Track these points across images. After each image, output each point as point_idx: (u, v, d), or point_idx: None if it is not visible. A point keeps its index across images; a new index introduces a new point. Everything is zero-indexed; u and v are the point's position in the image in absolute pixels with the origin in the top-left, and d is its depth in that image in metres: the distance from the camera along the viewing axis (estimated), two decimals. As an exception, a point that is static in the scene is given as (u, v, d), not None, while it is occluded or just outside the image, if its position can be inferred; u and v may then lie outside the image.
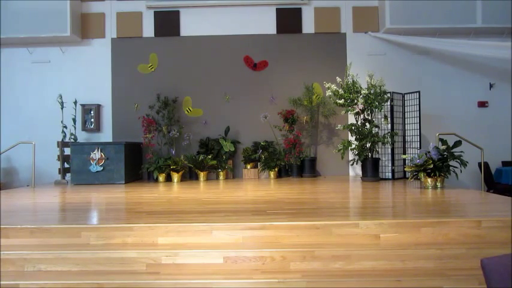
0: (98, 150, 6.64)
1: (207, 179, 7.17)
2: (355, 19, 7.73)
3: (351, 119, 6.98)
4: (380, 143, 6.40)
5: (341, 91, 6.41)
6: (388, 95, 6.50)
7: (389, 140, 6.43)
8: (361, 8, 7.74)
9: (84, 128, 7.67)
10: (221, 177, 7.25)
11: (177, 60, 7.78)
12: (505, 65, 7.33)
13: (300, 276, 2.74)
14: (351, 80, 6.44)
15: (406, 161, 6.41)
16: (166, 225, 3.12)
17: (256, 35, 7.78)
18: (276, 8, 7.77)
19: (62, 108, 7.14)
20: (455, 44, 7.17)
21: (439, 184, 5.24)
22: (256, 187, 5.95)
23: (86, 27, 7.76)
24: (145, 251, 2.93)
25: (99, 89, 7.72)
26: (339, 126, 6.66)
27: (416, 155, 5.43)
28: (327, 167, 7.65)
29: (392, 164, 6.64)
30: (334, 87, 6.45)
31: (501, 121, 7.54)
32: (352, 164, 6.98)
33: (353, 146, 6.40)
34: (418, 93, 6.70)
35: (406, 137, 6.91)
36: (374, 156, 6.47)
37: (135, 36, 7.80)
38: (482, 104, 7.63)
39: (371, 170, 6.40)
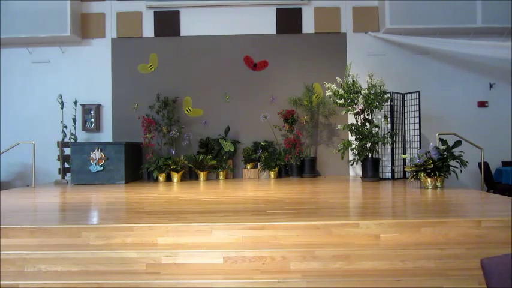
0: (98, 150, 6.64)
1: (207, 179, 7.17)
2: (355, 19, 7.73)
3: (351, 119, 6.98)
4: (380, 143, 6.40)
5: (341, 91, 6.41)
6: (388, 95, 6.50)
7: (389, 140, 6.43)
8: (361, 8, 7.74)
9: (84, 128, 7.67)
10: (221, 177, 7.25)
11: (177, 60, 7.78)
12: (505, 65, 7.33)
13: (300, 276, 2.74)
14: (351, 80, 6.44)
15: (406, 161, 6.41)
16: (166, 225, 3.12)
17: (256, 35, 7.78)
18: (276, 8, 7.77)
19: (62, 108, 7.14)
20: (455, 44, 7.17)
21: (439, 184, 5.24)
22: (256, 187, 5.95)
23: (86, 27, 7.76)
24: (145, 251, 2.93)
25: (99, 89, 7.72)
26: (339, 126, 6.65)
27: (416, 155, 5.42)
28: (327, 167, 7.65)
29: (393, 164, 6.64)
30: (334, 87, 6.45)
31: (501, 121, 7.54)
32: (352, 164, 6.98)
33: (353, 146, 6.40)
34: (418, 93, 6.70)
35: (406, 137, 6.91)
36: (374, 156, 6.47)
37: (135, 36, 7.80)
38: (482, 104, 7.63)
39: (371, 170, 6.40)
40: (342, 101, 6.36)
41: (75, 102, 7.37)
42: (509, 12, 7.13)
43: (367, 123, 6.37)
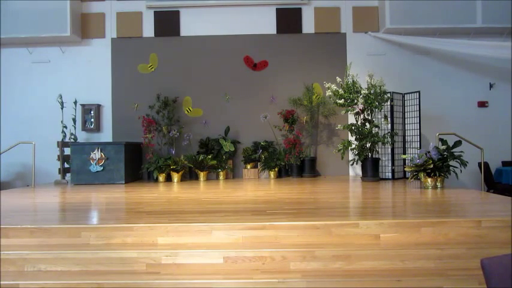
0: (98, 150, 6.64)
1: (207, 179, 7.17)
2: (355, 19, 7.73)
3: (351, 119, 6.98)
4: (380, 143, 6.40)
5: (341, 91, 6.40)
6: (388, 95, 6.49)
7: (389, 140, 6.43)
8: (361, 8, 7.74)
9: (84, 128, 7.67)
10: (221, 177, 7.25)
11: (177, 60, 7.78)
12: (505, 65, 7.33)
13: (300, 276, 2.74)
14: (351, 80, 6.44)
15: (406, 161, 6.41)
16: (166, 225, 3.12)
17: (256, 35, 7.78)
18: (276, 8, 7.77)
19: (62, 108, 7.14)
20: (455, 44, 7.17)
21: (439, 184, 5.24)
22: (256, 187, 5.95)
23: (86, 27, 7.76)
24: (145, 251, 2.93)
25: (99, 89, 7.72)
26: (339, 126, 6.66)
27: (416, 155, 5.42)
28: (327, 167, 7.65)
29: (393, 164, 6.64)
30: (334, 87, 6.45)
31: (501, 121, 7.54)
32: (352, 164, 6.98)
33: (353, 146, 6.40)
34: (418, 93, 6.70)
35: (406, 137, 6.91)
36: (374, 156, 6.47)
37: (135, 36, 7.80)
38: (482, 104, 7.63)
39: (371, 170, 6.40)
40: (342, 101, 6.36)
41: (75, 102, 7.36)
42: (509, 12, 7.13)
43: (367, 123, 6.37)
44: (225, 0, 7.70)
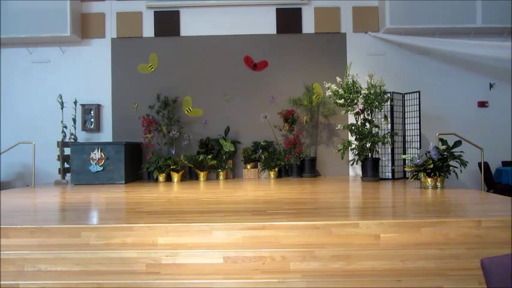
0: (98, 150, 6.64)
1: (207, 179, 7.17)
2: (355, 19, 7.73)
3: (351, 119, 6.98)
4: (380, 143, 6.40)
5: (341, 91, 6.41)
6: (388, 95, 6.50)
7: (389, 140, 6.43)
8: (361, 8, 7.74)
9: (84, 128, 7.67)
10: (221, 177, 7.25)
11: (177, 60, 7.78)
12: (505, 65, 7.33)
13: (300, 276, 2.74)
14: (351, 80, 6.44)
15: (406, 161, 6.41)
16: (166, 225, 3.12)
17: (256, 35, 7.78)
18: (276, 8, 7.77)
19: (62, 108, 7.14)
20: (455, 44, 7.17)
21: (439, 184, 5.24)
22: (256, 187, 5.95)
23: (86, 27, 7.76)
24: (145, 251, 2.93)
25: (99, 89, 7.72)
26: (339, 126, 6.66)
27: (416, 155, 5.43)
28: (327, 167, 7.65)
29: (393, 164, 6.64)
30: (334, 87, 6.45)
31: (501, 121, 7.54)
32: (352, 164, 6.98)
33: (353, 146, 6.40)
34: (418, 93, 6.70)
35: (406, 137, 6.91)
36: (374, 156, 6.47)
37: (135, 36, 7.80)
38: (482, 104, 7.63)
39: (371, 170, 6.40)
40: (342, 101, 6.36)
41: (75, 102, 7.36)
42: (509, 12, 7.13)
43: (367, 123, 6.37)
44: (225, 0, 7.70)
